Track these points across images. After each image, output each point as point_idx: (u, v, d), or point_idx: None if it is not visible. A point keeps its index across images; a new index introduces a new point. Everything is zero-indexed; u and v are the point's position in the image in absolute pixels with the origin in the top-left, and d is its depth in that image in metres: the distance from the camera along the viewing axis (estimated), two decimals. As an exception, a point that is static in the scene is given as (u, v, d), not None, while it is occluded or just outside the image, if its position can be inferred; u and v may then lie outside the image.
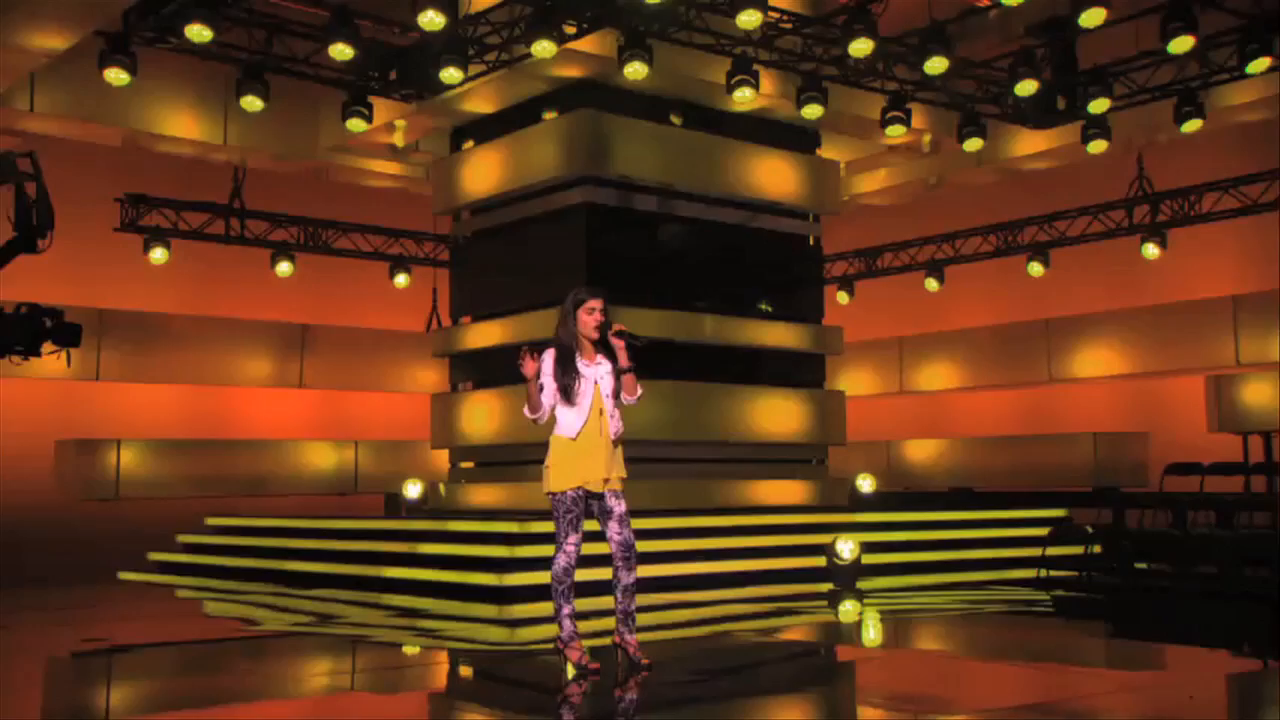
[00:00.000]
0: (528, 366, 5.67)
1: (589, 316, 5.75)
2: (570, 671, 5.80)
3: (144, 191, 14.04)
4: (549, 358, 5.75)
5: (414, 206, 15.67)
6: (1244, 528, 10.59)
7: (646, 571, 6.02)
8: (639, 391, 5.81)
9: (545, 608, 8.58)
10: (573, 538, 5.69)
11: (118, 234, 13.95)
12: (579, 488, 5.68)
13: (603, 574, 5.97)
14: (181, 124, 13.33)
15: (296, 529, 11.86)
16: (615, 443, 5.77)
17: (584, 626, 6.01)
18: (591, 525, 5.83)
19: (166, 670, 6.85)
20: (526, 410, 5.76)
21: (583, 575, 6.06)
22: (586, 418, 5.68)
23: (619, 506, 5.72)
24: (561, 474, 5.69)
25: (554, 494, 5.71)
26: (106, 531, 13.18)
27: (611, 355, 5.78)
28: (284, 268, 14.93)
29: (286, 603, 9.56)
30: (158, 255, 14.10)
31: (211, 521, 12.77)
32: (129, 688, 6.29)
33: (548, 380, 5.72)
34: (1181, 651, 7.20)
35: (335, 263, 15.64)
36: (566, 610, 5.72)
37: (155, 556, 12.26)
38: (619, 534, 5.71)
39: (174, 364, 14.68)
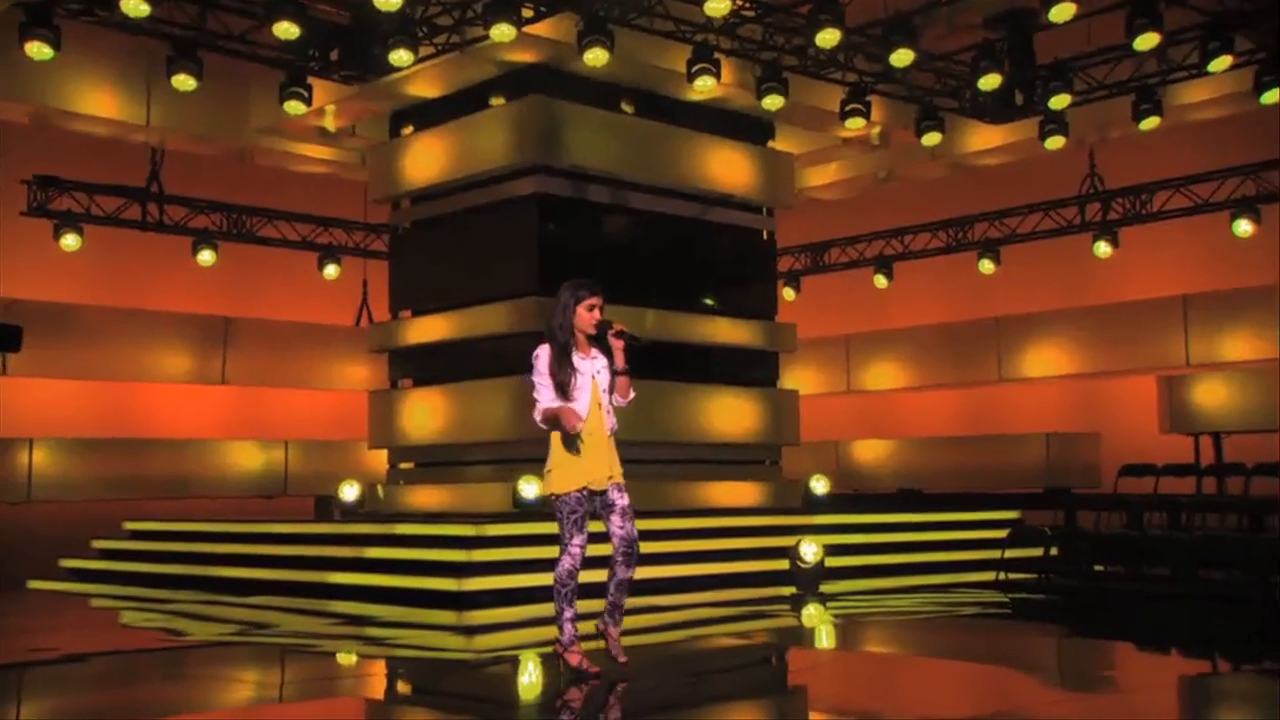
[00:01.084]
0: (573, 423, 5.73)
1: (589, 313, 5.83)
2: (567, 675, 5.86)
3: (54, 173, 13.73)
4: (545, 354, 5.81)
5: (344, 193, 15.56)
6: (1198, 529, 11.06)
7: (598, 577, 6.08)
8: (632, 394, 5.92)
9: (505, 614, 8.74)
10: (578, 539, 5.76)
11: (26, 218, 13.62)
12: (584, 488, 5.75)
13: (599, 575, 6.03)
14: (100, 102, 13.05)
15: (225, 533, 11.72)
16: (611, 436, 5.86)
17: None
18: (595, 526, 5.90)
19: (83, 686, 6.58)
20: (536, 417, 5.85)
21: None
22: (586, 414, 5.76)
23: (621, 499, 5.82)
24: (565, 475, 5.77)
25: (558, 496, 5.77)
26: (15, 536, 12.88)
27: (606, 352, 5.87)
28: (205, 257, 14.72)
29: (216, 611, 9.46)
30: (69, 242, 13.80)
31: (130, 525, 12.55)
32: (36, 705, 6.04)
33: (544, 379, 5.78)
34: (1138, 653, 7.55)
35: (260, 252, 15.45)
36: (569, 614, 5.79)
37: (68, 563, 12.03)
38: (621, 528, 5.80)
39: (88, 358, 14.37)
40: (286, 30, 10.23)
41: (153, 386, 15.31)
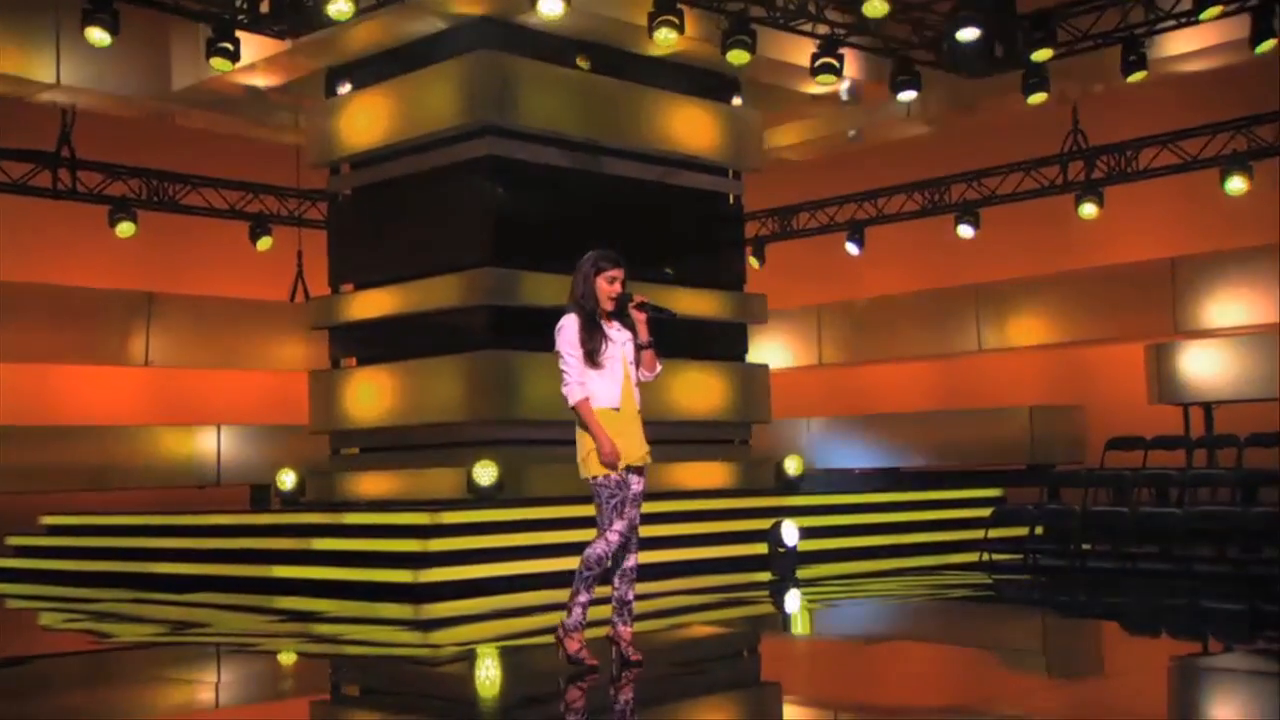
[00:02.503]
0: (608, 454, 5.73)
1: (609, 285, 5.88)
2: (566, 662, 5.89)
3: (-48, 138, 13.52)
4: (571, 323, 5.82)
5: (276, 159, 15.44)
6: (1189, 504, 11.30)
7: (565, 565, 6.14)
8: (659, 368, 6.00)
9: (465, 606, 8.79)
10: (619, 525, 5.78)
11: (-77, 187, 13.43)
12: (625, 468, 5.80)
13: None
14: (2, 58, 12.83)
15: (153, 526, 11.66)
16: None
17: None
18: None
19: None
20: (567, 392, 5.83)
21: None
22: (621, 384, 5.83)
23: (639, 485, 5.89)
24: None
25: (596, 479, 5.78)
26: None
27: (629, 327, 5.93)
28: (124, 227, 14.55)
29: (145, 611, 9.41)
30: (-27, 212, 13.62)
31: (47, 520, 12.42)
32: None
33: (572, 349, 5.79)
34: (1126, 635, 7.74)
35: (184, 222, 15.30)
36: (584, 598, 5.83)
37: (-22, 561, 11.93)
38: (628, 514, 5.86)
39: (-4, 339, 14.20)
40: (216, -20, 10.12)
41: (69, 369, 15.16)
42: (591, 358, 5.79)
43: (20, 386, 14.90)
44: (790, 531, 9.68)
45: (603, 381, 5.83)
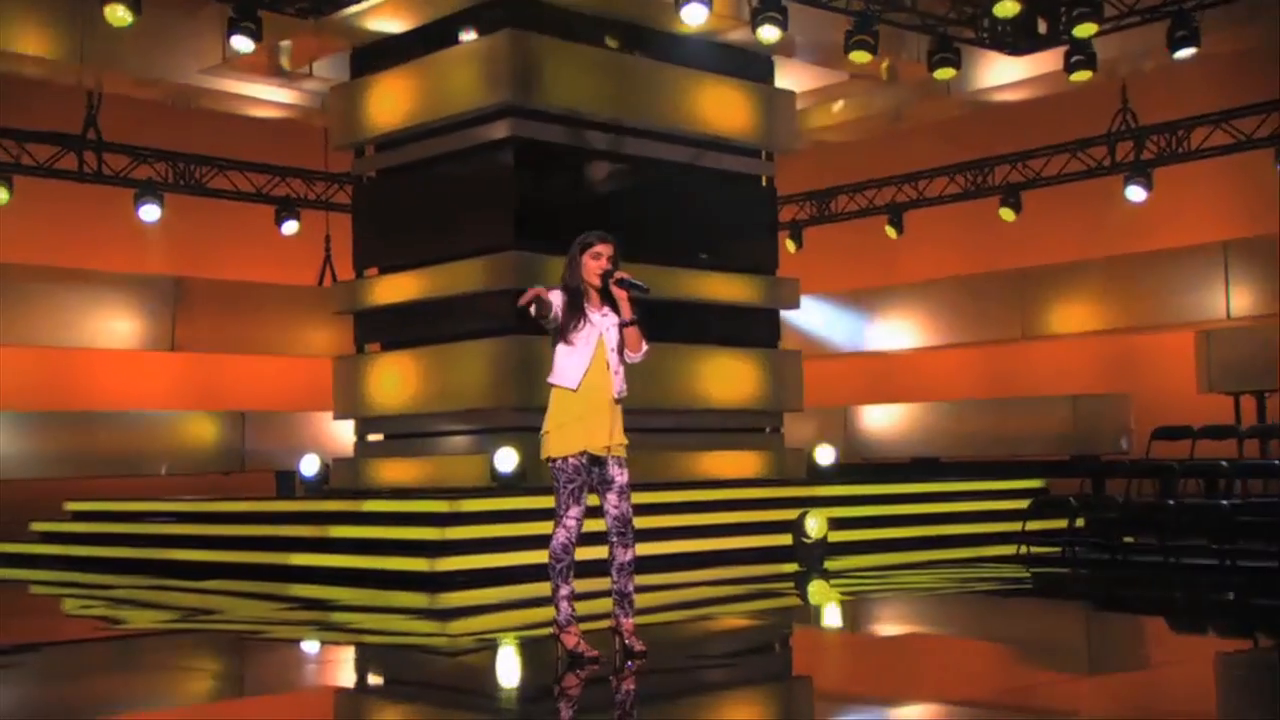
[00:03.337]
0: (534, 294, 5.67)
1: (594, 262, 5.85)
2: (566, 659, 5.88)
3: (-23, 119, 13.67)
4: (557, 296, 5.82)
5: (304, 141, 15.48)
6: (1237, 496, 11.10)
7: (590, 555, 6.14)
8: (644, 347, 5.94)
9: (482, 595, 8.79)
10: (574, 510, 5.81)
11: (-55, 170, 13.58)
12: (582, 453, 5.79)
13: (599, 552, 6.06)
14: (27, 38, 12.95)
15: (176, 513, 11.76)
16: (617, 402, 5.90)
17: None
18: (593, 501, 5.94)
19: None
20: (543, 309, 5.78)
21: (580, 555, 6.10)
22: (588, 367, 5.80)
23: (620, 476, 5.86)
24: (563, 438, 5.80)
25: (554, 461, 5.81)
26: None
27: (617, 308, 5.89)
28: (150, 211, 14.65)
29: (162, 597, 9.49)
30: (-3, 194, 13.76)
31: (72, 506, 12.57)
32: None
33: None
34: (1170, 631, 7.61)
35: (211, 205, 15.39)
36: (564, 591, 5.84)
37: (4, 548, 12.06)
38: (616, 507, 5.84)
39: (22, 323, 14.37)
40: (233, -42, 10.16)
41: (95, 354, 15.31)
42: (562, 333, 5.78)
43: (48, 372, 15.09)
44: (814, 522, 9.59)
45: (567, 359, 5.83)
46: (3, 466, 13.70)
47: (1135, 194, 14.72)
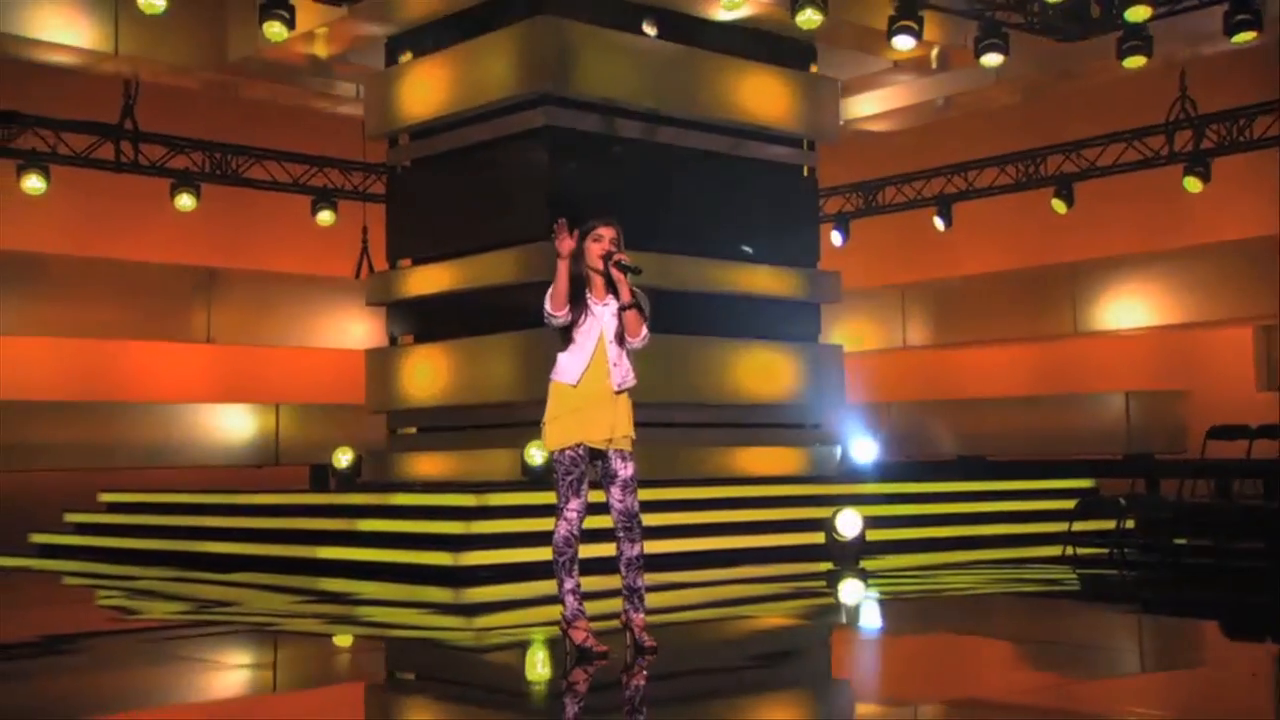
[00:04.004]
0: (563, 242, 5.64)
1: (595, 245, 5.80)
2: (574, 654, 5.86)
3: (15, 108, 13.81)
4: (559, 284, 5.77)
5: (340, 130, 15.56)
6: (1295, 498, 10.89)
7: (612, 550, 6.09)
8: (643, 332, 5.86)
9: (508, 590, 8.77)
10: (574, 503, 5.79)
11: (-17, 159, 13.77)
12: (579, 445, 5.76)
13: (608, 549, 6.02)
14: (63, 28, 13.11)
15: (206, 505, 11.86)
16: (620, 394, 5.84)
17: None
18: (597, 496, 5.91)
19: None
20: (548, 305, 5.74)
21: (589, 551, 6.09)
22: (589, 361, 5.77)
23: (624, 470, 5.82)
24: (560, 429, 5.78)
25: (552, 453, 5.82)
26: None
27: (618, 292, 5.83)
28: (185, 201, 14.79)
29: (184, 590, 9.56)
30: (34, 184, 13.89)
31: (106, 498, 12.73)
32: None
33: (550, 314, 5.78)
34: (1222, 638, 7.43)
35: (247, 195, 15.50)
36: (569, 585, 5.82)
37: (38, 538, 12.21)
38: (620, 501, 5.81)
39: (56, 314, 14.56)
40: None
41: (129, 344, 15.48)
42: (569, 329, 5.76)
43: (82, 362, 15.27)
44: (848, 521, 9.49)
45: (569, 356, 5.82)
46: (38, 457, 13.90)
47: (1193, 185, 14.47)
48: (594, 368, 5.79)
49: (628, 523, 5.83)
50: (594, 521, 6.08)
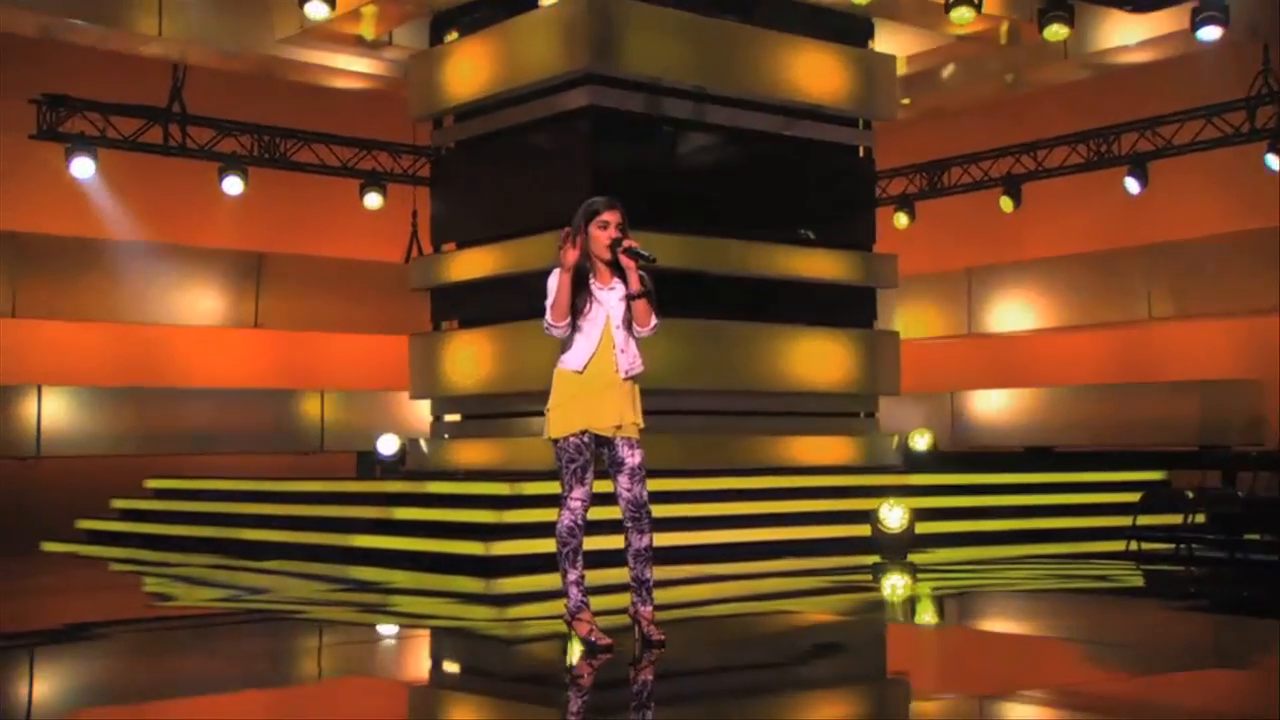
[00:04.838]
0: (568, 254, 5.61)
1: (601, 232, 5.72)
2: (579, 647, 5.83)
3: (65, 91, 14.01)
4: (554, 278, 5.73)
5: (389, 112, 15.58)
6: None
7: (661, 540, 6.04)
8: (653, 321, 5.78)
9: (539, 581, 8.74)
10: (577, 492, 5.75)
11: (34, 142, 13.92)
12: (584, 432, 5.71)
13: (616, 541, 5.98)
14: (109, 11, 13.27)
15: (249, 492, 12.00)
16: (627, 380, 5.77)
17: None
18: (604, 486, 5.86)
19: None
20: (549, 317, 5.71)
21: (595, 544, 6.06)
22: (595, 349, 5.72)
23: (632, 458, 5.76)
24: (563, 416, 5.74)
25: (555, 441, 5.76)
26: (25, 495, 13.35)
27: (626, 279, 5.76)
28: (234, 184, 14.87)
29: (222, 576, 9.67)
30: (83, 167, 14.07)
31: (151, 484, 12.93)
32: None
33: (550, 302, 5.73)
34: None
35: (295, 179, 15.57)
36: (573, 576, 5.79)
37: (84, 524, 12.41)
38: (628, 490, 5.76)
39: (103, 298, 14.76)
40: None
41: (177, 330, 15.66)
42: (571, 315, 5.68)
43: (130, 347, 15.47)
44: (893, 513, 9.35)
45: (576, 344, 5.75)
46: (86, 442, 14.14)
47: (1274, 162, 14.06)
48: (600, 354, 5.73)
49: (636, 512, 5.77)
50: (600, 513, 6.01)
